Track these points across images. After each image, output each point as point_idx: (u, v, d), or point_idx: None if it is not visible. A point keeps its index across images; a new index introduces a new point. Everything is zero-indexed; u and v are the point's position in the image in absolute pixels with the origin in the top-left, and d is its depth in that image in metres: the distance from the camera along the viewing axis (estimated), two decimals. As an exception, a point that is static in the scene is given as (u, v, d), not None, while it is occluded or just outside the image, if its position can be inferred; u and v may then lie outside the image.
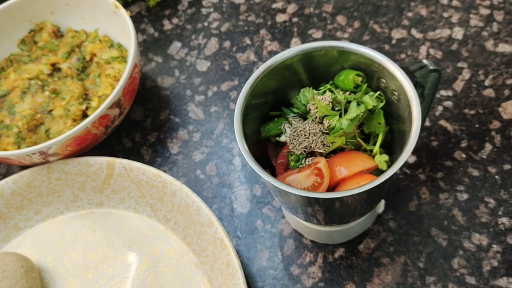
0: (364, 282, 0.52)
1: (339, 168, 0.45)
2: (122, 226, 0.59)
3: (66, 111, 0.61)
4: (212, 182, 0.61)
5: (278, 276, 0.54)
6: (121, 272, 0.56)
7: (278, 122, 0.49)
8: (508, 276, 0.50)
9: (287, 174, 0.46)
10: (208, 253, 0.53)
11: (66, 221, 0.60)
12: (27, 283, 0.53)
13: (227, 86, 0.68)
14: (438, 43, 0.66)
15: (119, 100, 0.59)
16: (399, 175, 0.57)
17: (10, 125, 0.61)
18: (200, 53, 0.72)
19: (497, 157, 0.56)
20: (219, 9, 0.76)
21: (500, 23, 0.66)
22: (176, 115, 0.67)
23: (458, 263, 0.51)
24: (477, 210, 0.54)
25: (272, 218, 0.57)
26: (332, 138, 0.45)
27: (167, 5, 0.78)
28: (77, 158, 0.59)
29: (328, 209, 0.44)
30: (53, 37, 0.69)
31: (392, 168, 0.40)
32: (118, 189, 0.59)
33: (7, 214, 0.59)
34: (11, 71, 0.66)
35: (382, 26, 0.69)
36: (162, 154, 0.64)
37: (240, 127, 0.45)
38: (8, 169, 0.67)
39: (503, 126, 0.58)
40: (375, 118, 0.46)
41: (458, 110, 0.60)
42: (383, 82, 0.46)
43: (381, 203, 0.56)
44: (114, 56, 0.65)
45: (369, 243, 0.54)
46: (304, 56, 0.47)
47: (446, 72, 0.63)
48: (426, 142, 0.59)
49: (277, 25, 0.73)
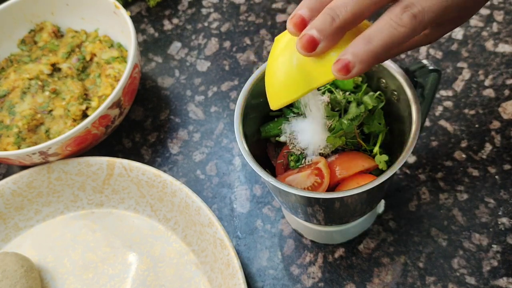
0: (364, 282, 0.52)
1: (339, 168, 0.45)
2: (122, 226, 0.59)
3: (66, 111, 0.61)
4: (212, 182, 0.61)
5: (278, 276, 0.54)
6: (121, 272, 0.56)
7: (278, 122, 0.49)
8: (508, 276, 0.50)
9: (287, 174, 0.46)
10: (208, 253, 0.53)
11: (66, 221, 0.60)
12: (27, 283, 0.53)
13: (227, 86, 0.68)
14: (438, 43, 0.66)
15: (119, 100, 0.59)
16: (399, 175, 0.57)
17: (10, 125, 0.61)
18: (200, 53, 0.72)
19: (497, 157, 0.56)
20: (219, 9, 0.76)
21: (500, 23, 0.66)
22: (176, 115, 0.67)
23: (458, 263, 0.51)
24: (477, 210, 0.54)
25: (272, 218, 0.57)
26: (332, 139, 0.45)
27: (167, 5, 0.78)
28: (77, 158, 0.59)
29: (328, 209, 0.44)
30: (53, 37, 0.69)
31: (392, 168, 0.40)
32: (118, 189, 0.59)
33: (7, 214, 0.59)
34: (11, 71, 0.66)
35: (382, 26, 0.69)
36: (162, 154, 0.64)
37: (240, 127, 0.45)
38: (8, 169, 0.67)
39: (503, 126, 0.58)
40: (375, 118, 0.46)
41: (458, 110, 0.60)
42: (383, 82, 0.46)
43: (381, 203, 0.56)
44: (114, 56, 0.65)
45: (369, 243, 0.54)
46: (304, 56, 0.47)
47: (446, 72, 0.63)
48: (426, 142, 0.59)
49: (277, 25, 0.73)
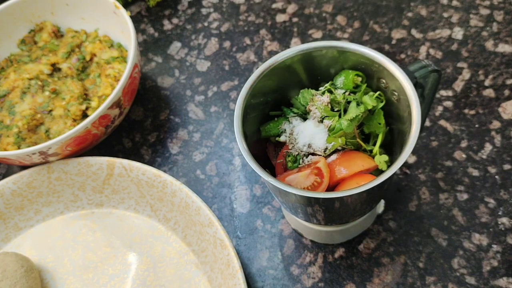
0: (364, 282, 0.52)
1: (338, 168, 0.45)
2: (122, 226, 0.59)
3: (66, 111, 0.61)
4: (212, 182, 0.61)
5: (278, 276, 0.54)
6: (121, 272, 0.56)
7: (278, 122, 0.49)
8: (508, 276, 0.50)
9: (287, 174, 0.46)
10: (208, 253, 0.53)
11: (66, 221, 0.60)
12: (27, 283, 0.53)
13: (227, 86, 0.68)
14: (438, 43, 0.66)
15: (119, 100, 0.59)
16: (399, 175, 0.57)
17: (10, 125, 0.61)
18: (200, 53, 0.72)
19: (497, 157, 0.56)
20: (219, 9, 0.76)
21: (500, 23, 0.66)
22: (176, 115, 0.67)
23: (458, 263, 0.51)
24: (477, 210, 0.54)
25: (272, 218, 0.57)
26: (332, 139, 0.45)
27: (167, 5, 0.78)
28: (77, 158, 0.59)
29: (328, 209, 0.44)
30: (53, 37, 0.69)
31: (392, 168, 0.40)
32: (118, 189, 0.59)
33: (7, 214, 0.59)
34: (11, 71, 0.66)
35: (382, 26, 0.69)
36: (162, 154, 0.64)
37: (240, 127, 0.44)
38: (8, 169, 0.67)
39: (503, 126, 0.58)
40: (375, 118, 0.46)
41: (458, 110, 0.60)
42: (383, 82, 0.46)
43: (381, 203, 0.56)
44: (114, 56, 0.65)
45: (369, 243, 0.54)
46: (304, 56, 0.47)
47: (446, 72, 0.63)
48: (426, 142, 0.59)
49: (277, 25, 0.73)
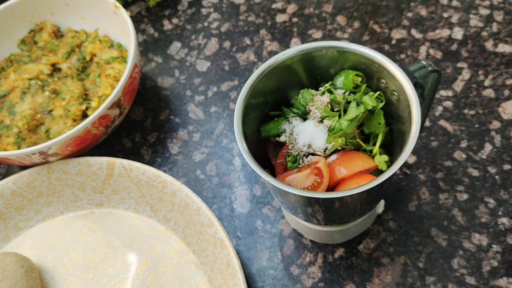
0: (364, 282, 0.52)
1: (338, 168, 0.45)
2: (122, 226, 0.59)
3: (66, 111, 0.61)
4: (212, 182, 0.61)
5: (278, 276, 0.54)
6: (121, 272, 0.56)
7: (278, 122, 0.49)
8: (508, 276, 0.50)
9: (287, 174, 0.46)
10: (208, 253, 0.53)
11: (66, 221, 0.60)
12: (27, 283, 0.53)
13: (227, 86, 0.68)
14: (438, 43, 0.66)
15: (119, 100, 0.59)
16: (399, 175, 0.57)
17: (10, 125, 0.61)
18: (200, 53, 0.72)
19: (497, 157, 0.56)
20: (219, 9, 0.76)
21: (500, 23, 0.66)
22: (176, 115, 0.67)
23: (458, 263, 0.51)
24: (477, 210, 0.54)
25: (272, 218, 0.57)
26: (332, 139, 0.45)
27: (167, 5, 0.78)
28: (77, 158, 0.59)
29: (327, 209, 0.44)
30: (53, 37, 0.69)
31: (392, 168, 0.40)
32: (118, 189, 0.59)
33: (7, 214, 0.59)
34: (11, 71, 0.66)
35: (382, 26, 0.69)
36: (162, 154, 0.64)
37: (240, 127, 0.44)
38: (8, 169, 0.67)
39: (503, 126, 0.58)
40: (375, 119, 0.46)
41: (458, 110, 0.60)
42: (383, 82, 0.46)
43: (381, 203, 0.56)
44: (114, 56, 0.65)
45: (369, 243, 0.54)
46: (304, 56, 0.47)
47: (446, 72, 0.63)
48: (426, 142, 0.59)
49: (277, 25, 0.73)
